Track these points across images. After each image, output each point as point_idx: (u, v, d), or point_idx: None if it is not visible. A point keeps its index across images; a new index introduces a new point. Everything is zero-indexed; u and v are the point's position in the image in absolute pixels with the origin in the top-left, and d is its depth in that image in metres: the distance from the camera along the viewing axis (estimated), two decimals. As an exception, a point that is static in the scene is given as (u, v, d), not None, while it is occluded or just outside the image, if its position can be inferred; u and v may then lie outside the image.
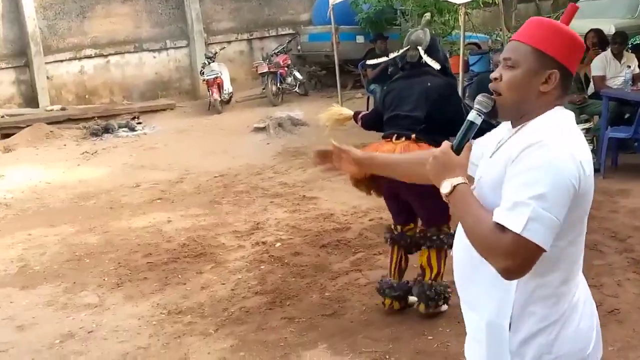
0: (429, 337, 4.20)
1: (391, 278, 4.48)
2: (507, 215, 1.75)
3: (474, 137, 1.97)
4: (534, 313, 1.88)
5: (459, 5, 8.47)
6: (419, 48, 4.31)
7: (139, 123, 11.97)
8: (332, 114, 5.14)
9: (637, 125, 6.93)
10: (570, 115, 1.93)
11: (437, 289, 4.25)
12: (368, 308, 4.64)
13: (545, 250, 1.75)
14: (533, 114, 1.89)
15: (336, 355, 4.08)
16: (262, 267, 5.49)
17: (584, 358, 1.95)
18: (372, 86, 10.74)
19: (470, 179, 1.97)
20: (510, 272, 1.77)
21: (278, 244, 5.95)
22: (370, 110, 5.24)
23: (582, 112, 7.81)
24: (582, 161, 1.80)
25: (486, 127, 2.04)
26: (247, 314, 4.70)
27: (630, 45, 8.89)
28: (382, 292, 4.47)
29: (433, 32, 4.49)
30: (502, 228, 1.74)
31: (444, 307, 4.35)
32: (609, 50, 8.27)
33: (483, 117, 1.91)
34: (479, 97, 1.92)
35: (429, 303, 4.27)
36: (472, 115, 1.90)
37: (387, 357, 4.01)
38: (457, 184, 1.84)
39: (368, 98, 10.76)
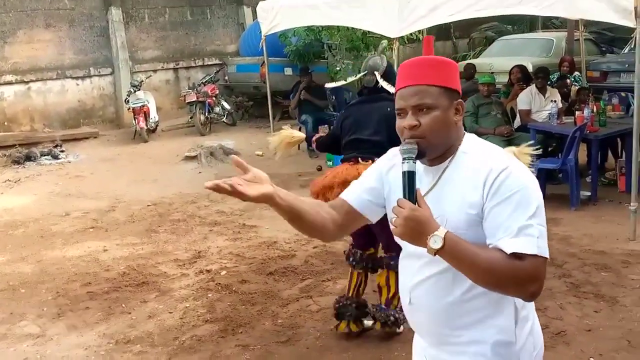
0: (386, 361, 4.25)
1: (348, 300, 4.51)
2: (520, 243, 1.80)
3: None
4: (523, 317, 1.99)
5: (393, 39, 8.67)
6: (376, 73, 4.42)
7: (62, 151, 11.64)
8: (283, 137, 5.16)
9: (565, 156, 7.26)
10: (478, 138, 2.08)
11: (396, 312, 4.30)
12: (323, 334, 4.64)
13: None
14: (456, 143, 2.00)
15: (297, 381, 4.07)
16: (210, 295, 5.41)
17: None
18: (304, 117, 10.84)
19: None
20: (537, 293, 1.84)
21: (223, 272, 5.88)
22: (328, 133, 5.29)
23: (509, 144, 8.10)
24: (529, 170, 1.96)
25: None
26: (200, 342, 4.62)
27: (552, 81, 9.31)
28: (339, 315, 4.49)
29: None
30: (517, 256, 1.80)
31: (400, 329, 4.41)
32: (533, 85, 8.66)
33: (415, 163, 1.91)
34: (403, 147, 1.93)
35: (388, 324, 4.32)
36: (406, 166, 1.89)
37: (348, 381, 4.02)
38: (444, 235, 1.81)
39: (300, 128, 10.83)
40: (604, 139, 7.88)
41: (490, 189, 1.86)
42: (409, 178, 1.88)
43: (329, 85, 5.85)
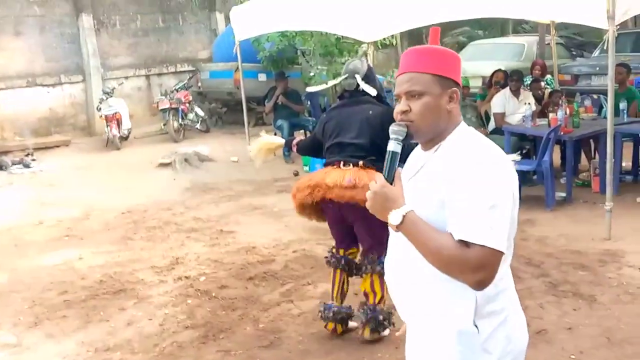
0: (369, 364, 4.23)
1: (333, 302, 4.50)
2: (469, 231, 1.85)
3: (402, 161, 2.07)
4: (493, 310, 2.00)
5: (368, 43, 8.73)
6: (357, 76, 4.42)
7: (34, 160, 11.46)
8: (262, 144, 5.14)
9: (540, 158, 7.32)
10: (474, 130, 2.09)
11: (383, 314, 4.30)
12: (305, 337, 4.62)
13: (504, 254, 1.88)
14: (445, 132, 2.04)
15: (280, 385, 4.04)
16: (189, 301, 5.35)
17: (526, 344, 2.13)
18: (279, 122, 10.82)
19: None
20: (484, 283, 1.88)
21: (202, 278, 5.83)
22: (308, 137, 5.29)
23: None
24: (512, 168, 1.98)
25: (409, 149, 2.14)
26: (180, 349, 4.57)
27: (525, 84, 9.41)
28: (324, 316, 4.47)
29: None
30: (466, 244, 1.85)
31: (386, 332, 4.40)
32: (507, 88, 8.73)
33: (401, 144, 2.01)
34: (393, 127, 2.03)
35: (377, 328, 4.31)
36: (392, 145, 2.00)
37: (332, 384, 4.00)
38: (406, 213, 1.91)
39: (275, 133, 10.80)
40: (577, 141, 7.97)
41: (456, 177, 1.90)
42: (392, 157, 2.00)
43: (310, 89, 5.83)
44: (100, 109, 12.56)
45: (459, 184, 1.89)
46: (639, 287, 5.16)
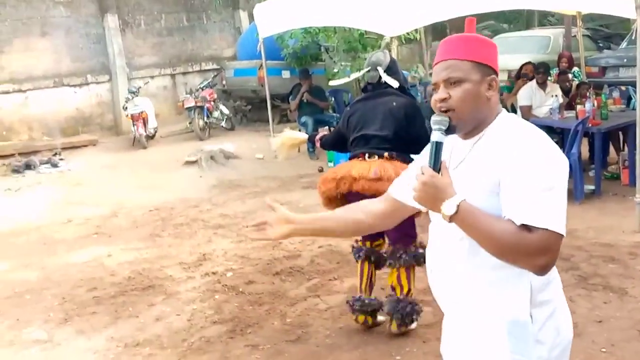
0: (397, 357, 4.22)
1: (362, 294, 4.50)
2: (530, 215, 1.81)
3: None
4: (543, 300, 1.97)
5: (392, 37, 8.71)
6: (379, 68, 4.40)
7: (62, 159, 11.58)
8: (285, 139, 5.14)
9: (568, 150, 7.24)
10: (517, 117, 2.07)
11: (410, 307, 4.28)
12: (332, 332, 4.62)
13: (564, 236, 1.85)
14: (487, 120, 2.01)
15: (308, 379, 4.04)
16: (217, 296, 5.38)
17: (571, 336, 2.10)
18: (304, 119, 10.83)
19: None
20: (547, 267, 1.84)
21: (229, 274, 5.85)
22: (332, 132, 5.28)
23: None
24: (559, 150, 1.95)
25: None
26: (208, 344, 4.59)
27: (553, 75, 9.32)
28: (354, 309, 4.48)
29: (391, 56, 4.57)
30: (527, 228, 1.81)
31: (414, 325, 4.39)
32: (534, 80, 8.65)
33: (445, 134, 1.97)
34: (435, 117, 1.99)
35: (404, 321, 4.29)
36: (435, 136, 1.95)
37: (360, 378, 4.00)
38: (460, 202, 1.87)
39: (299, 130, 10.81)
40: (605, 133, 7.87)
41: (510, 163, 1.87)
42: (436, 148, 1.94)
43: (333, 82, 5.82)
44: (126, 108, 12.67)
45: (514, 168, 1.86)
46: (671, 279, 5.09)
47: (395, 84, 4.38)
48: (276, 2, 10.16)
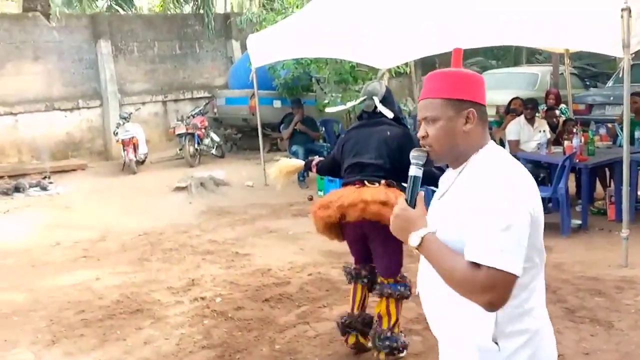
0: (386, 385, 4.23)
1: (352, 313, 4.54)
2: (479, 252, 1.89)
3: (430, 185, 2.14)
4: (515, 330, 2.01)
5: (384, 70, 8.83)
6: (375, 98, 4.48)
7: (51, 182, 11.57)
8: (281, 167, 5.19)
9: (555, 185, 7.34)
10: (503, 149, 2.12)
11: (397, 337, 4.30)
12: (321, 359, 4.62)
13: (518, 277, 1.90)
14: (468, 153, 2.07)
15: (297, 405, 4.04)
16: (206, 321, 5.38)
17: None
18: (294, 147, 10.90)
19: None
20: (493, 304, 1.90)
21: (218, 299, 5.85)
22: (327, 157, 5.33)
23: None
24: (533, 188, 2.00)
25: (440, 173, 2.24)
26: (197, 368, 4.59)
27: (540, 109, 9.45)
28: (344, 327, 4.50)
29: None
30: (476, 265, 1.88)
31: (403, 353, 4.40)
32: (522, 116, 8.78)
33: (422, 169, 2.09)
34: (413, 153, 2.11)
35: (392, 352, 4.30)
36: (413, 170, 2.09)
37: (350, 405, 4.00)
38: (424, 235, 1.98)
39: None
40: (592, 169, 7.98)
41: (473, 198, 1.94)
42: (413, 182, 2.09)
43: (329, 109, 5.89)
44: (117, 133, 12.70)
45: (474, 204, 1.92)
46: (657, 313, 5.14)
47: (390, 114, 4.45)
48: (269, 33, 10.30)
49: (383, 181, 4.24)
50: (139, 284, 6.42)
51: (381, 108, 4.44)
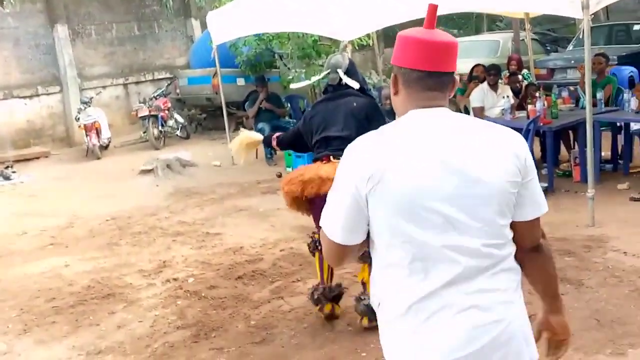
0: (363, 354, 4.25)
1: (324, 284, 4.58)
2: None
3: None
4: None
5: (346, 42, 8.77)
6: (339, 70, 4.45)
7: (14, 172, 11.37)
8: (242, 139, 5.13)
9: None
10: (407, 119, 1.93)
11: None
12: (297, 332, 4.62)
13: (337, 243, 1.98)
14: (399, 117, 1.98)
15: (275, 379, 4.04)
16: (179, 302, 5.34)
17: None
18: (260, 125, 10.82)
19: None
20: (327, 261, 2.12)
21: (191, 280, 5.82)
22: (289, 131, 5.30)
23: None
24: (361, 153, 1.93)
25: None
26: (172, 349, 4.56)
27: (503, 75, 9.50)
28: (317, 298, 4.52)
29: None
30: None
31: None
32: (485, 82, 8.81)
33: None
34: None
35: (375, 316, 4.32)
36: None
37: (327, 376, 4.02)
38: None
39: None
40: (556, 131, 8.06)
41: None
42: None
43: (293, 85, 5.85)
44: (78, 118, 12.52)
45: None
46: (625, 270, 5.22)
47: (355, 85, 4.43)
48: (229, 9, 10.16)
49: None
50: (109, 268, 6.35)
51: (346, 79, 4.41)
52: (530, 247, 2.01)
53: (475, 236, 1.84)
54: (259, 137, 5.25)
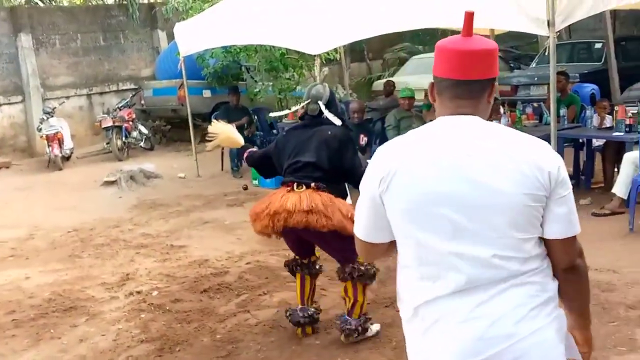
0: (329, 369, 4.23)
1: (305, 305, 4.58)
2: None
3: None
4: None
5: (315, 56, 8.78)
6: (320, 102, 4.42)
7: (-27, 182, 11.14)
8: (228, 135, 5.08)
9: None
10: (432, 124, 1.94)
11: (354, 320, 4.36)
12: (263, 346, 4.57)
13: (363, 240, 2.07)
14: None
15: (241, 394, 3.99)
16: (143, 315, 5.25)
17: None
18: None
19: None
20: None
21: (155, 293, 5.73)
22: (260, 150, 5.27)
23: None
24: (382, 156, 1.95)
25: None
26: (136, 363, 4.48)
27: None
28: (295, 321, 4.53)
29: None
30: None
31: (369, 333, 4.43)
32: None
33: None
34: None
35: (350, 333, 4.37)
36: None
37: (294, 390, 3.98)
38: None
39: (222, 149, 10.73)
40: (521, 147, 8.13)
41: None
42: None
43: (273, 114, 5.84)
44: (40, 129, 12.31)
45: None
46: (588, 284, 5.28)
47: (337, 122, 4.40)
48: (197, 21, 10.12)
49: (313, 184, 4.20)
50: (71, 281, 6.23)
51: (328, 115, 4.38)
52: (564, 267, 1.95)
53: (488, 246, 1.81)
54: (241, 141, 5.22)
